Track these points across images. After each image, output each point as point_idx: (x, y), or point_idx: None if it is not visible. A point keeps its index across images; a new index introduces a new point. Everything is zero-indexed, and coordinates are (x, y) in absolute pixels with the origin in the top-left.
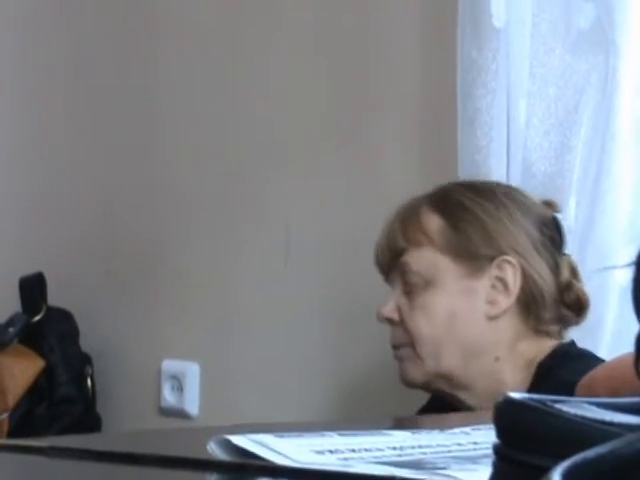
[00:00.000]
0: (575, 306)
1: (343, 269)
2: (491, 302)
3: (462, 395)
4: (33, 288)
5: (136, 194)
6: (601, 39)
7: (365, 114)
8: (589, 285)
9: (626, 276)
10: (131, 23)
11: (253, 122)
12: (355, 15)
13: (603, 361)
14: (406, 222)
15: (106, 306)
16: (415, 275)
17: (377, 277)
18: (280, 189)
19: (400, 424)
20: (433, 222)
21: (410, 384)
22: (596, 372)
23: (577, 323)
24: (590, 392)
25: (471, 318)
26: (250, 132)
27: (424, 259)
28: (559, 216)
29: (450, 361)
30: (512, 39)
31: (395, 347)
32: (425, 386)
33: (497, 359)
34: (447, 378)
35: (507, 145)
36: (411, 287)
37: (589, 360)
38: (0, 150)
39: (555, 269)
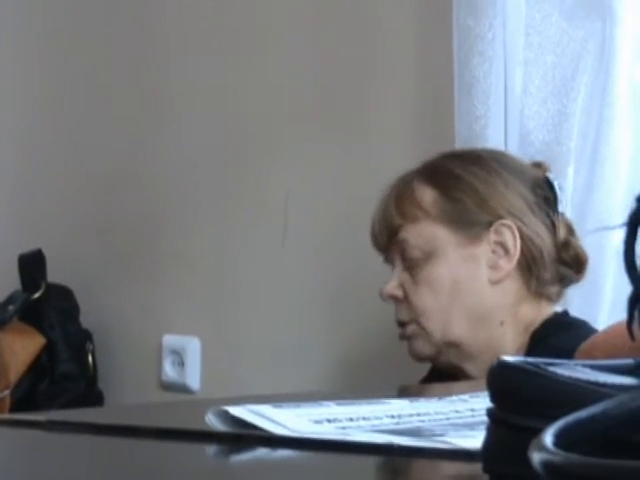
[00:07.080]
0: (574, 263)
1: (341, 242)
2: (493, 267)
3: (468, 366)
4: (32, 265)
5: (136, 170)
6: (597, 5)
7: (362, 84)
8: (587, 251)
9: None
10: (130, 15)
11: (252, 100)
12: None
13: (595, 330)
14: (400, 199)
15: (106, 282)
16: (415, 249)
17: (375, 250)
18: (279, 162)
19: (398, 393)
20: (427, 194)
21: (419, 358)
22: (595, 337)
23: (577, 280)
24: (589, 357)
25: (474, 284)
26: (249, 110)
27: (422, 232)
28: (550, 175)
29: (458, 329)
30: (508, 7)
31: (401, 324)
32: (434, 358)
33: (502, 323)
34: (456, 347)
35: (504, 114)
36: (412, 262)
37: (580, 329)
38: (0, 128)
39: (552, 229)
